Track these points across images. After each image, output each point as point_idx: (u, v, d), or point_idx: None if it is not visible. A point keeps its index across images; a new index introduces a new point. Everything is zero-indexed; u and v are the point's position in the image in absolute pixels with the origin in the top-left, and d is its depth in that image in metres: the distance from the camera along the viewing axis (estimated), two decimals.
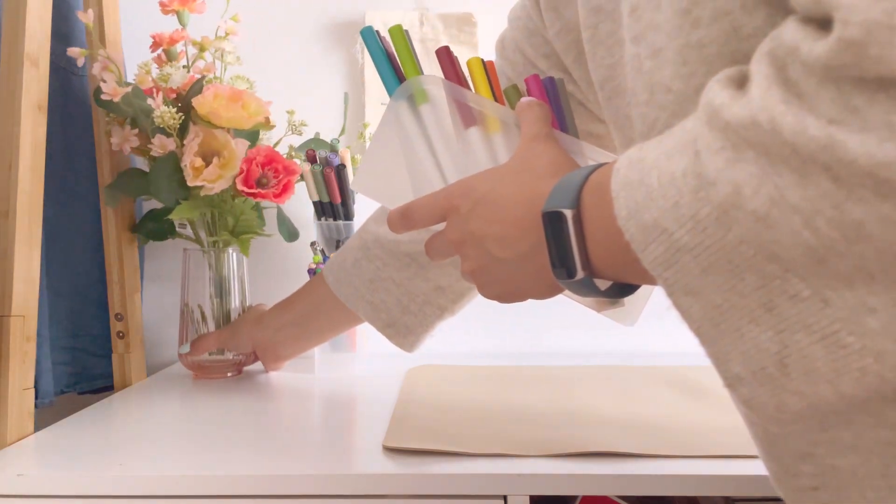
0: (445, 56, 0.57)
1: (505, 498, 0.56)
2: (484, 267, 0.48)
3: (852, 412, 0.35)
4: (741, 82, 0.32)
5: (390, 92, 0.58)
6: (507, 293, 0.48)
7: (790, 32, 0.30)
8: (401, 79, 0.58)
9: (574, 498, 0.60)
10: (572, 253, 0.40)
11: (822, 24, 0.29)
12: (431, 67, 0.61)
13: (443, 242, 0.53)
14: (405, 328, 0.77)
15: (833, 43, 0.27)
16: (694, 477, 0.55)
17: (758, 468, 0.55)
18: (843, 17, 0.27)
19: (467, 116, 0.56)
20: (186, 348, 0.90)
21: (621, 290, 0.45)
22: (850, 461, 0.36)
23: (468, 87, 0.57)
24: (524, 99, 0.53)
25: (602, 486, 0.55)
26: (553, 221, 0.41)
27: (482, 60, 0.57)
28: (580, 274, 0.41)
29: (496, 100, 0.57)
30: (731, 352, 0.33)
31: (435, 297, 0.75)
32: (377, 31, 0.58)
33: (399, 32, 0.57)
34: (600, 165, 0.42)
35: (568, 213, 0.40)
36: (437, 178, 0.59)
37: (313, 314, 0.85)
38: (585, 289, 0.42)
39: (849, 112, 0.27)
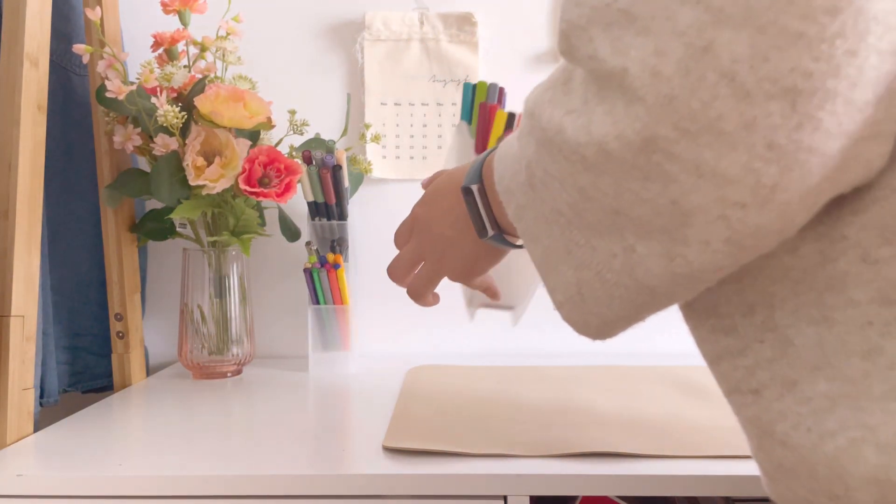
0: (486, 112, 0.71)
1: (505, 498, 0.56)
2: (442, 252, 0.55)
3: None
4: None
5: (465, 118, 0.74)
6: (467, 268, 0.56)
7: None
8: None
9: (574, 498, 0.60)
10: (482, 217, 0.50)
11: None
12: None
13: (406, 252, 0.58)
14: None
15: (557, 35, 0.36)
16: (694, 477, 0.55)
17: (758, 468, 0.55)
18: (559, 16, 0.35)
19: None
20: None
21: None
22: None
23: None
24: None
25: (602, 486, 0.55)
26: (466, 195, 0.50)
27: (511, 114, 0.70)
28: (490, 232, 0.51)
29: None
30: (555, 283, 0.42)
31: None
32: (473, 86, 0.73)
33: (482, 87, 0.73)
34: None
35: (474, 188, 0.50)
36: None
37: None
38: (502, 244, 0.52)
39: (582, 103, 0.35)
